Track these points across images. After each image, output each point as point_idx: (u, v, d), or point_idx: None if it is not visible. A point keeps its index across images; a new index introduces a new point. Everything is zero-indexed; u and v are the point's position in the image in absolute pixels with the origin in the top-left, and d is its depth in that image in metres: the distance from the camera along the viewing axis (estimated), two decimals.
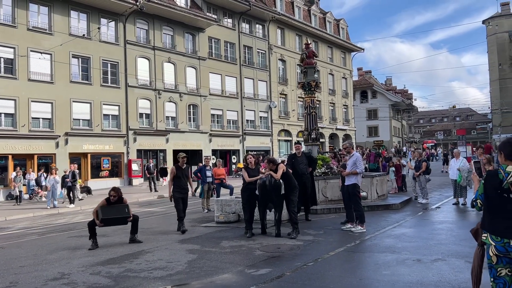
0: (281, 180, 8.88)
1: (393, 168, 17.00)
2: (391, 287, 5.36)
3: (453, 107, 63.01)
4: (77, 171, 19.69)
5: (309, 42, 15.02)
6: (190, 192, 10.44)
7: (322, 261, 6.74)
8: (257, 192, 9.09)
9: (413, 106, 73.31)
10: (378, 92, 62.06)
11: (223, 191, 14.84)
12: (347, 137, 49.13)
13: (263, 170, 9.75)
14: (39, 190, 20.99)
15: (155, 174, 25.05)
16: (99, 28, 25.71)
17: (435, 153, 46.59)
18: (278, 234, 8.80)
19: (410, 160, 16.29)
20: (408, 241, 8.00)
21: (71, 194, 18.05)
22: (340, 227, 9.65)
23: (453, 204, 12.96)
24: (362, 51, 51.80)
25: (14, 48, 22.97)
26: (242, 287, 5.51)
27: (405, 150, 48.78)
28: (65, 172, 18.72)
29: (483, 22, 60.28)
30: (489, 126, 66.79)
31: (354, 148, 10.49)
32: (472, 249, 7.27)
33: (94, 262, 7.24)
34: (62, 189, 18.62)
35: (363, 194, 9.93)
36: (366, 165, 19.41)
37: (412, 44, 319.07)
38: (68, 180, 17.98)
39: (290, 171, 9.42)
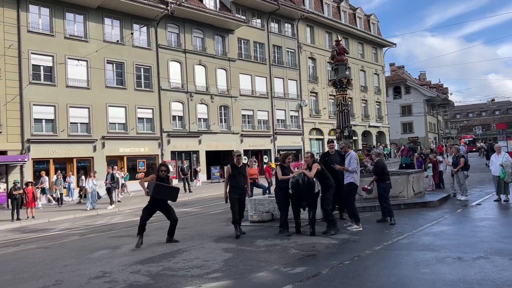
0: (314, 178, 8.83)
1: (430, 165, 16.55)
2: (431, 285, 5.24)
3: (492, 100, 60.67)
4: (122, 173, 20.28)
5: (339, 39, 14.85)
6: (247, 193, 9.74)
7: (358, 259, 6.67)
8: (290, 191, 9.08)
9: (449, 101, 71.12)
10: (411, 88, 60.63)
11: (256, 190, 14.90)
12: (380, 134, 48.26)
13: (295, 169, 9.74)
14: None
15: (189, 175, 25.44)
16: (132, 33, 26.37)
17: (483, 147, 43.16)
18: (313, 233, 8.76)
19: (447, 156, 15.83)
20: (448, 239, 7.79)
21: (112, 195, 18.59)
22: (374, 224, 9.50)
23: (494, 200, 12.47)
24: (394, 46, 50.78)
25: (52, 56, 23.90)
26: (278, 285, 5.53)
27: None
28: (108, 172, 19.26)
29: None
30: None
31: (350, 148, 10.77)
32: None
33: (133, 261, 7.44)
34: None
35: (369, 188, 9.90)
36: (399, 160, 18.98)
37: (444, 38, 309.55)
38: (107, 182, 18.54)
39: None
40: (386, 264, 6.36)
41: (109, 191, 18.59)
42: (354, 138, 18.84)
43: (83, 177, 22.06)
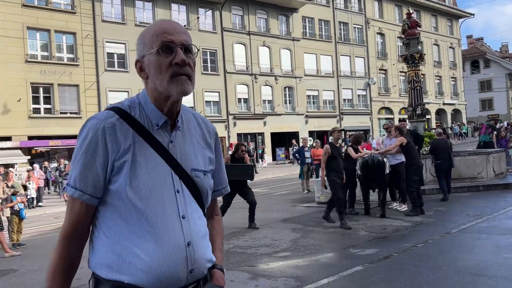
0: (385, 159, 8.55)
1: None
2: None
3: None
4: None
5: (410, 12, 14.04)
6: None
7: (432, 242, 6.38)
8: (358, 171, 8.88)
9: None
10: (491, 61, 56.04)
11: None
12: (456, 112, 45.44)
13: (363, 150, 9.48)
14: None
15: (254, 156, 25.75)
16: (198, 17, 26.85)
17: None
18: (383, 215, 8.52)
19: None
20: None
21: None
22: (450, 207, 9.03)
23: None
24: (472, 16, 47.09)
25: (124, 43, 25.08)
26: (348, 266, 5.46)
27: None
28: None
29: None
30: None
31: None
32: None
33: None
34: None
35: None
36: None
37: None
38: None
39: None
40: (464, 248, 6.03)
41: None
42: (427, 116, 17.84)
43: None
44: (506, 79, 54.96)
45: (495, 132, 18.52)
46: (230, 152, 27.47)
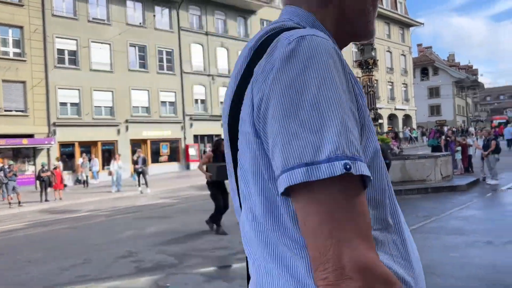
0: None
1: (459, 148, 16.06)
2: (460, 269, 5.09)
3: None
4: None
5: None
6: None
7: None
8: None
9: (479, 83, 68.90)
10: (440, 69, 58.88)
11: None
12: (407, 117, 47.29)
13: None
14: None
15: None
16: (154, 16, 26.33)
17: None
18: None
19: (477, 139, 15.34)
20: (477, 224, 7.57)
21: (146, 178, 18.21)
22: (401, 208, 9.31)
23: None
24: (422, 25, 49.30)
25: (76, 40, 24.13)
26: None
27: (471, 130, 45.83)
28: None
29: None
30: None
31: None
32: None
33: (159, 242, 7.51)
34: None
35: None
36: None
37: (472, 17, 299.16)
38: (139, 166, 18.12)
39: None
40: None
41: (143, 174, 18.27)
42: (380, 121, 18.41)
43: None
44: (453, 86, 57.95)
45: (443, 137, 19.45)
46: (208, 149, 26.95)
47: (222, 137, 0.99)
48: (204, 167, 8.30)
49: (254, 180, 0.73)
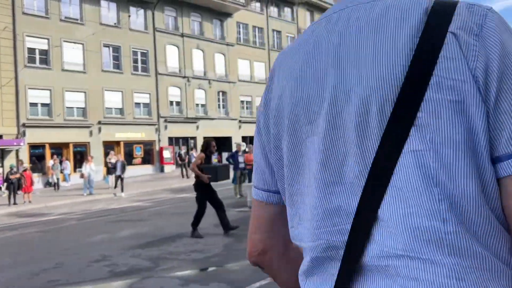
0: None
1: None
2: None
3: None
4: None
5: None
6: None
7: None
8: None
9: None
10: None
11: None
12: None
13: None
14: None
15: (186, 161, 25.26)
16: (129, 16, 25.95)
17: None
18: None
19: None
20: None
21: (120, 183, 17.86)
22: None
23: None
24: None
25: (48, 39, 23.51)
26: None
27: None
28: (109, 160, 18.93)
29: None
30: None
31: None
32: None
33: (134, 245, 7.37)
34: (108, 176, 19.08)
35: None
36: None
37: None
38: (118, 172, 17.66)
39: None
40: None
41: (121, 179, 17.84)
42: None
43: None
44: None
45: None
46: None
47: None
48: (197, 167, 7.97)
49: (467, 159, 0.61)
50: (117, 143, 26.42)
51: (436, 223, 0.61)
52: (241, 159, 13.66)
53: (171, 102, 29.14)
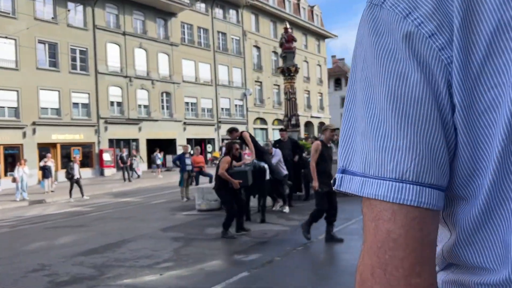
0: (265, 165, 8.75)
1: None
2: None
3: None
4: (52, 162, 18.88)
5: (288, 26, 14.84)
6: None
7: (311, 245, 6.64)
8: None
9: None
10: None
11: (202, 179, 14.61)
12: (322, 125, 49.42)
13: (247, 157, 9.61)
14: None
15: (128, 163, 24.33)
16: (69, 10, 24.58)
17: None
18: (263, 220, 8.68)
19: None
20: None
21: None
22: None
23: None
24: (336, 37, 52.05)
25: None
26: (233, 273, 5.35)
27: None
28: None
29: None
30: None
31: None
32: None
33: (75, 253, 6.91)
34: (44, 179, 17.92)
35: None
36: None
37: None
38: (74, 173, 16.40)
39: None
40: (341, 249, 6.40)
41: (78, 182, 16.53)
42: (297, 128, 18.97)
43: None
44: None
45: None
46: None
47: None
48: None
49: None
50: (54, 145, 24.95)
51: None
52: (188, 161, 13.38)
53: (112, 103, 28.05)
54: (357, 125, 0.55)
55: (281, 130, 11.10)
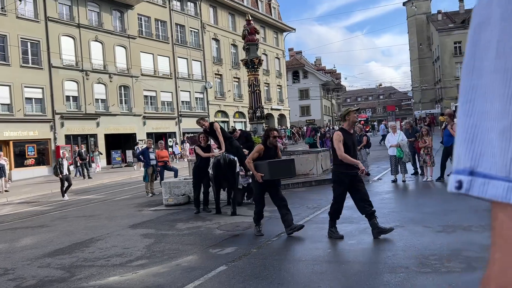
0: (235, 158, 8.70)
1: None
2: (361, 254, 5.43)
3: (380, 85, 66.19)
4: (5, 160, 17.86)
5: (250, 18, 14.76)
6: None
7: (285, 235, 6.68)
8: (210, 170, 8.84)
9: (342, 86, 76.01)
10: (309, 72, 63.43)
11: (167, 174, 14.35)
12: (281, 116, 49.86)
13: (216, 150, 9.52)
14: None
15: (87, 160, 23.53)
16: (20, 1, 23.23)
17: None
18: (234, 213, 8.65)
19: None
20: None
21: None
22: (290, 201, 9.71)
23: (392, 181, 12.00)
24: (294, 31, 52.43)
25: None
26: (211, 267, 5.28)
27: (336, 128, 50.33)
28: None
29: (404, 4, 63.58)
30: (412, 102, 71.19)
31: None
32: (424, 215, 7.62)
33: (40, 255, 6.59)
34: None
35: None
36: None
37: (330, 27, 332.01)
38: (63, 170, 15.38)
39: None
40: (314, 238, 6.46)
41: (68, 179, 15.52)
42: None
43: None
44: (320, 89, 62.94)
45: (318, 134, 20.92)
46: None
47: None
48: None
49: None
50: (6, 142, 23.70)
51: None
52: (152, 155, 13.09)
53: (68, 97, 26.95)
54: (490, 123, 0.49)
55: (233, 131, 11.31)
